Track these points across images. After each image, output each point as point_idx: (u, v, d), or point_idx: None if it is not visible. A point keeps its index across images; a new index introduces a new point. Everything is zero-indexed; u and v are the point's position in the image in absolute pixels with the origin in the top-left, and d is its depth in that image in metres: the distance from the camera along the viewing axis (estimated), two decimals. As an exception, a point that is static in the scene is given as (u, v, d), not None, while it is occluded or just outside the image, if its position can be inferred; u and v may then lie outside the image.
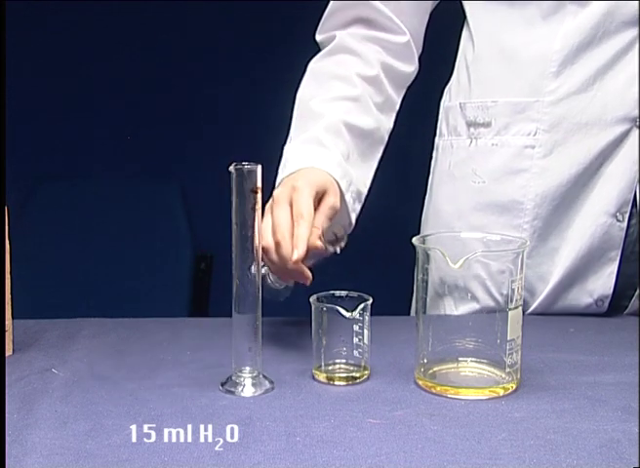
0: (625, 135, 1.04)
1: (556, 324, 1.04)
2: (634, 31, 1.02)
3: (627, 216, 1.05)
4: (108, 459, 0.66)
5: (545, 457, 0.67)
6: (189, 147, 2.33)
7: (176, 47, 2.29)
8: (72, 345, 0.94)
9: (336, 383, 0.83)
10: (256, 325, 0.80)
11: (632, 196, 1.05)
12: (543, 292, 1.08)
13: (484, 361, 0.82)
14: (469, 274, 0.85)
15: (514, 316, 0.80)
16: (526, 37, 1.06)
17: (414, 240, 0.82)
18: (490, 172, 1.09)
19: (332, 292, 0.85)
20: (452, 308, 0.86)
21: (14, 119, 1.31)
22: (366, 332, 0.83)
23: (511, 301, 0.80)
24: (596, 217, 1.05)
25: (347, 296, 0.84)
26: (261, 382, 0.81)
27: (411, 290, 0.97)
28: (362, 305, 0.82)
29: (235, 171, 0.78)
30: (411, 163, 1.55)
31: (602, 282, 1.07)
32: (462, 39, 1.17)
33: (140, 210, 2.28)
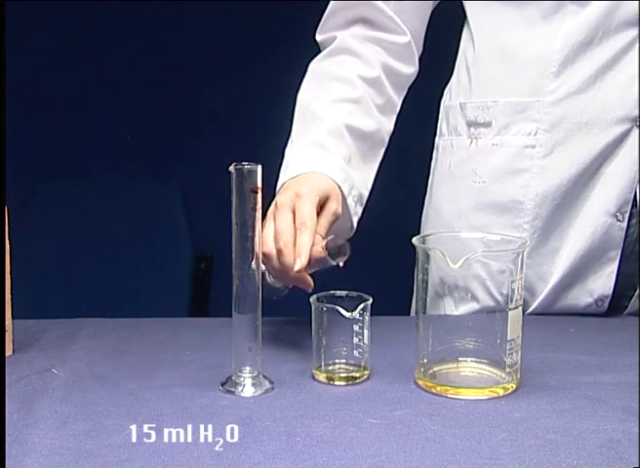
0: (626, 134, 1.04)
1: (556, 324, 1.04)
2: (634, 31, 1.02)
3: (627, 216, 1.05)
4: (108, 459, 0.66)
5: (545, 457, 0.67)
6: (189, 147, 2.33)
7: (176, 47, 2.29)
8: (72, 345, 0.94)
9: (336, 383, 0.83)
10: (256, 325, 0.80)
11: (632, 196, 1.05)
12: (543, 292, 1.08)
13: (484, 361, 0.82)
14: (469, 274, 0.85)
15: (514, 316, 0.80)
16: (526, 37, 1.06)
17: (414, 240, 0.82)
18: (490, 171, 1.09)
19: (332, 292, 0.85)
20: (452, 308, 0.86)
21: (14, 119, 1.31)
22: (366, 332, 0.83)
23: (511, 301, 0.79)
24: (596, 217, 1.05)
25: (347, 296, 0.84)
26: (261, 382, 0.81)
27: (411, 290, 0.97)
28: (362, 305, 0.82)
29: (235, 171, 0.78)
30: (411, 163, 1.55)
31: (602, 282, 1.07)
32: (463, 39, 1.17)
33: (140, 210, 2.27)
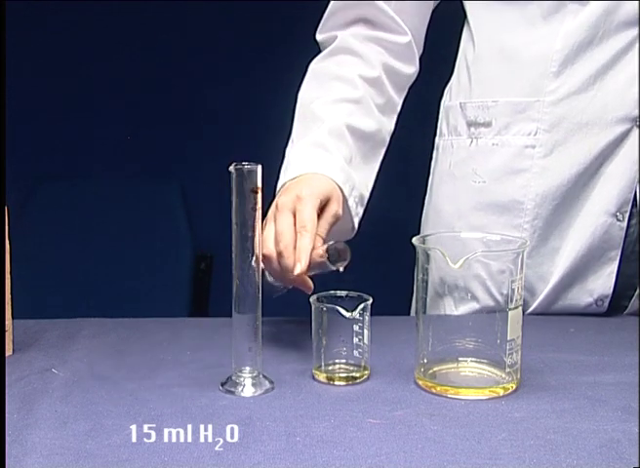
0: (626, 134, 1.04)
1: (556, 324, 1.04)
2: (634, 31, 1.02)
3: (627, 216, 1.05)
4: (108, 459, 0.66)
5: (545, 457, 0.67)
6: (189, 147, 2.33)
7: (176, 47, 2.29)
8: (72, 345, 0.94)
9: (336, 383, 0.83)
10: (256, 325, 0.80)
11: (632, 196, 1.05)
12: (543, 292, 1.08)
13: (484, 361, 0.82)
14: (469, 274, 0.85)
15: (514, 316, 0.80)
16: (526, 37, 1.06)
17: (414, 240, 0.82)
18: (490, 171, 1.09)
19: (332, 293, 0.85)
20: (452, 308, 0.86)
21: (14, 119, 1.31)
22: (366, 332, 0.83)
23: (511, 301, 0.79)
24: (596, 217, 1.05)
25: (347, 296, 0.84)
26: (261, 382, 0.81)
27: (411, 290, 0.97)
28: (362, 305, 0.82)
29: (235, 171, 0.78)
30: (411, 163, 1.55)
31: (602, 281, 1.07)
32: (463, 39, 1.17)
33: (140, 210, 2.28)
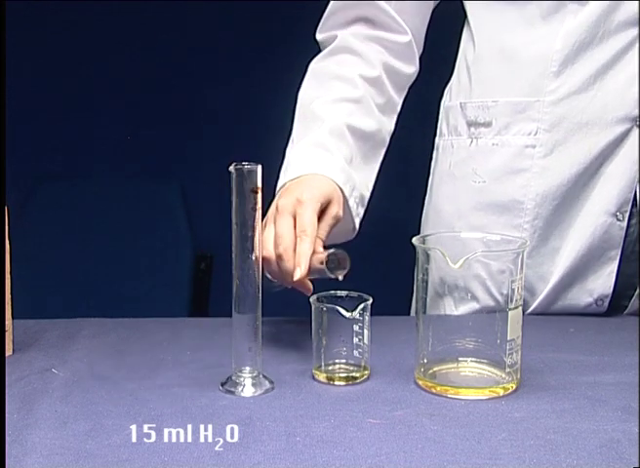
0: (626, 134, 1.04)
1: (556, 324, 1.04)
2: (634, 31, 1.02)
3: (627, 216, 1.05)
4: (108, 459, 0.66)
5: (545, 457, 0.67)
6: (189, 147, 2.33)
7: (176, 47, 2.29)
8: (72, 345, 0.94)
9: (336, 383, 0.83)
10: (256, 325, 0.80)
11: (632, 195, 1.05)
12: (544, 292, 1.08)
13: (484, 361, 0.82)
14: (469, 274, 0.85)
15: (514, 316, 0.80)
16: (526, 37, 1.06)
17: (414, 240, 0.82)
18: (490, 171, 1.09)
19: (332, 293, 0.85)
20: (452, 308, 0.86)
21: (14, 119, 1.31)
22: (366, 332, 0.83)
23: (511, 301, 0.79)
24: (596, 217, 1.05)
25: (347, 296, 0.84)
26: (261, 382, 0.81)
27: (411, 290, 0.97)
28: (362, 305, 0.82)
29: (235, 171, 0.78)
30: (411, 163, 1.55)
31: (602, 281, 1.07)
32: (463, 39, 1.17)
33: (140, 210, 2.28)
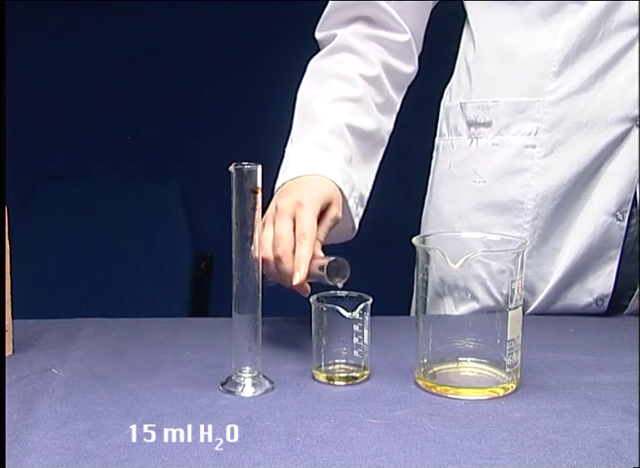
0: (626, 134, 1.04)
1: (556, 324, 1.04)
2: (634, 31, 1.02)
3: (627, 216, 1.05)
4: (108, 459, 0.66)
5: (545, 457, 0.67)
6: (189, 147, 2.33)
7: (176, 47, 2.29)
8: (72, 345, 0.94)
9: (336, 383, 0.83)
10: (256, 325, 0.80)
11: (632, 195, 1.05)
12: (544, 292, 1.08)
13: (484, 361, 0.82)
14: (469, 274, 0.85)
15: (514, 316, 0.80)
16: (526, 37, 1.06)
17: (414, 240, 0.82)
18: (490, 171, 1.09)
19: (332, 292, 0.85)
20: (452, 308, 0.86)
21: (14, 119, 1.31)
22: (366, 332, 0.83)
23: (511, 301, 0.79)
24: (596, 217, 1.05)
25: (347, 296, 0.84)
26: (261, 382, 0.81)
27: (411, 290, 0.97)
28: (362, 305, 0.82)
29: (235, 171, 0.78)
30: (411, 163, 1.55)
31: (602, 281, 1.07)
32: (463, 39, 1.17)
33: (140, 210, 2.28)
